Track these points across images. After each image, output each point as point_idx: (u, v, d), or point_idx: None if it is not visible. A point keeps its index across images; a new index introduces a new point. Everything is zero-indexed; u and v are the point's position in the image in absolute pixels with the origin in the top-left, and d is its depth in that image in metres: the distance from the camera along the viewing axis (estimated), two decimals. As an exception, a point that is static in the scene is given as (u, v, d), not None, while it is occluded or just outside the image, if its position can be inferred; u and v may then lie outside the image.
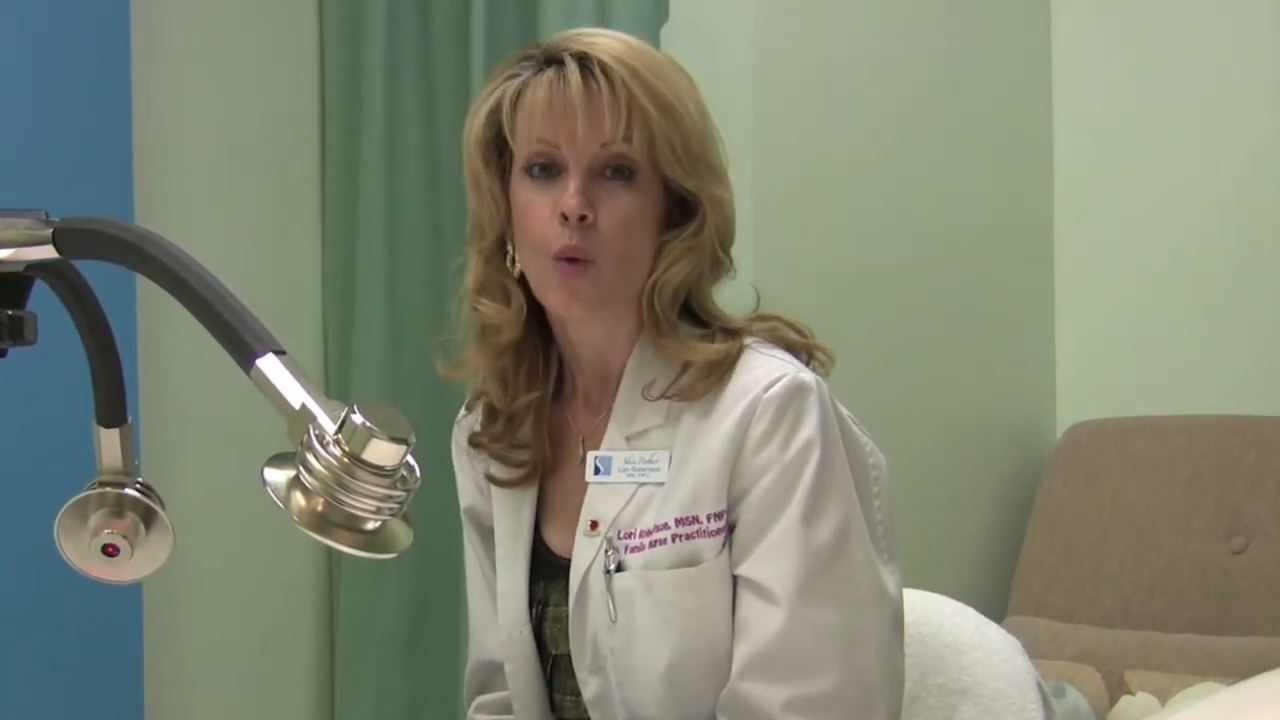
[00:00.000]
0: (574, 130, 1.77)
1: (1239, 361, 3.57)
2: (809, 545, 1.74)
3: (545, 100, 1.78)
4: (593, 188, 1.78)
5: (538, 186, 1.81)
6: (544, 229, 1.79)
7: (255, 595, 3.71)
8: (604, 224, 1.78)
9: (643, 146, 1.78)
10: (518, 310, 1.88)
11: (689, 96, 1.81)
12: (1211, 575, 3.30)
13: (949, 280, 3.57)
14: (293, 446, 1.12)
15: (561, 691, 1.92)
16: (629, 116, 1.77)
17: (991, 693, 2.01)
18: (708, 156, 1.82)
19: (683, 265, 1.81)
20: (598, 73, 1.77)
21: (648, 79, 1.77)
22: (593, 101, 1.77)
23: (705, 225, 1.82)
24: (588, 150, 1.78)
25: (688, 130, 1.79)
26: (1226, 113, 3.59)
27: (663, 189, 1.81)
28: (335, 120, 3.81)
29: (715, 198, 1.82)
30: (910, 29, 3.54)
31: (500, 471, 1.95)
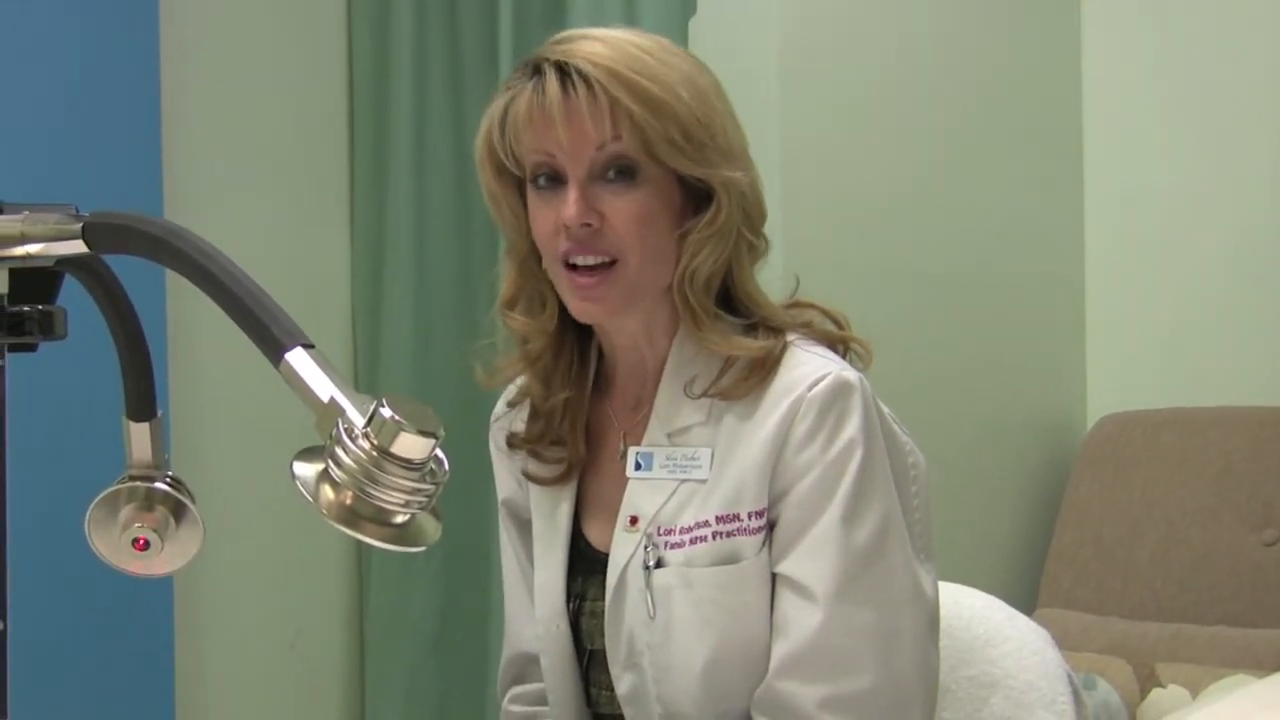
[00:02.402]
0: (560, 139, 1.76)
1: (1270, 353, 3.55)
2: (849, 545, 1.74)
3: (527, 112, 1.78)
4: (596, 191, 1.78)
5: (544, 197, 1.80)
6: (551, 237, 1.79)
7: (285, 589, 3.72)
8: (615, 224, 1.78)
9: (636, 143, 1.76)
10: (549, 317, 1.88)
11: (683, 84, 1.78)
12: (1243, 567, 3.28)
13: (979, 273, 3.56)
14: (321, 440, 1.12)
15: (597, 686, 1.92)
16: (613, 118, 1.75)
17: (1022, 685, 2.01)
18: (715, 140, 1.80)
19: (708, 253, 1.80)
20: (575, 79, 1.75)
21: (628, 77, 1.75)
22: (572, 109, 1.76)
23: (723, 211, 1.80)
24: (583, 156, 1.77)
25: (683, 119, 1.77)
26: (1255, 110, 3.58)
27: (674, 180, 1.80)
28: (363, 116, 3.82)
29: (729, 181, 1.80)
30: (940, 19, 3.53)
31: (538, 469, 1.95)
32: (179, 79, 3.57)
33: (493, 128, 1.83)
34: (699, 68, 1.84)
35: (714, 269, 1.81)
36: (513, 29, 3.49)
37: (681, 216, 1.82)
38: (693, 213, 1.82)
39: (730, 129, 1.84)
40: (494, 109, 1.83)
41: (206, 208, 3.56)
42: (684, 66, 1.82)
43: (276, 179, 3.76)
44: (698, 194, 1.82)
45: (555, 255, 1.80)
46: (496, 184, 1.86)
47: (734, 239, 1.82)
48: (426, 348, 3.69)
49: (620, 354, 1.91)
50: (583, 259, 1.78)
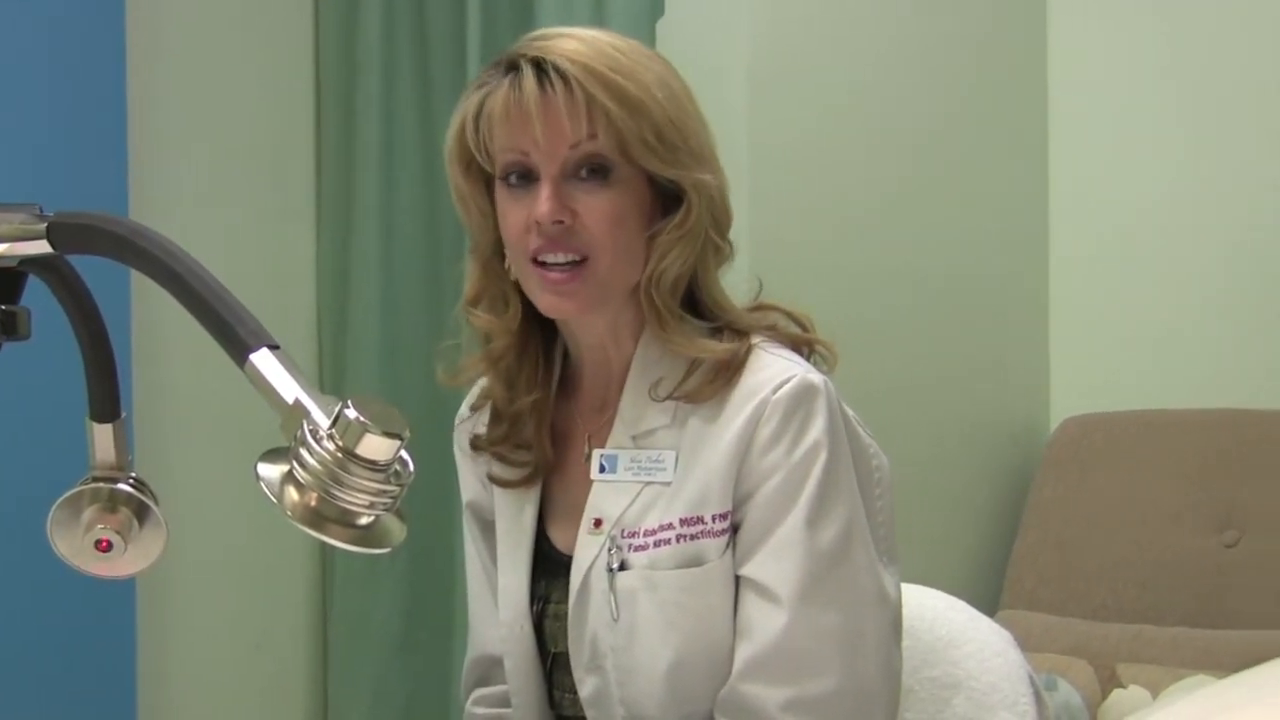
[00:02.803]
0: (536, 136, 1.76)
1: (1231, 355, 3.57)
2: (813, 547, 1.75)
3: (503, 109, 1.78)
4: (569, 190, 1.78)
5: (515, 195, 1.80)
6: (522, 235, 1.79)
7: (249, 591, 3.71)
8: (588, 223, 1.78)
9: (611, 142, 1.77)
10: (513, 316, 1.88)
11: (657, 85, 1.79)
12: (1204, 569, 3.30)
13: (943, 277, 3.57)
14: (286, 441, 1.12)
15: (560, 689, 1.92)
16: (589, 116, 1.76)
17: (984, 686, 2.01)
18: (687, 142, 1.81)
19: (676, 255, 1.81)
20: (553, 76, 1.75)
21: (606, 75, 1.75)
22: (550, 106, 1.76)
23: (693, 212, 1.80)
24: (557, 154, 1.77)
25: (658, 120, 1.77)
26: (1218, 113, 3.59)
27: (645, 181, 1.80)
28: (330, 116, 3.81)
29: (700, 183, 1.81)
30: (907, 24, 3.54)
31: (502, 472, 1.95)
32: (146, 79, 3.56)
33: (466, 123, 1.83)
34: (671, 70, 1.85)
35: (681, 271, 1.82)
36: (481, 29, 3.49)
37: (651, 217, 1.82)
38: (661, 214, 1.82)
39: (701, 132, 1.84)
40: (468, 104, 1.83)
41: (172, 208, 3.54)
42: (657, 68, 1.82)
43: (243, 179, 3.75)
44: (667, 195, 1.82)
45: (525, 253, 1.79)
46: (465, 181, 1.86)
47: (702, 241, 1.82)
48: (392, 349, 3.69)
49: (586, 355, 1.91)
50: (553, 257, 1.78)
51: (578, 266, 1.78)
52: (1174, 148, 3.65)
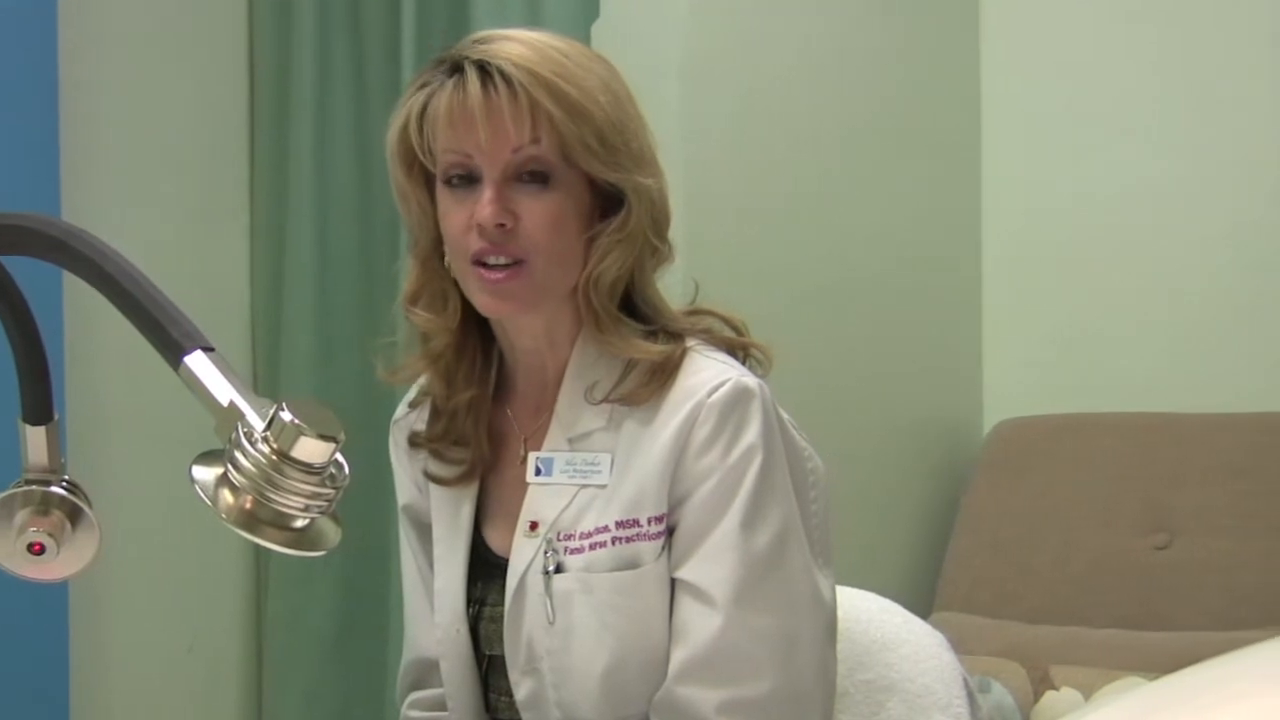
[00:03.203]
0: (479, 139, 1.76)
1: (1162, 359, 3.60)
2: (748, 550, 1.75)
3: (447, 111, 1.78)
4: (510, 193, 1.78)
5: (457, 196, 1.81)
6: (463, 236, 1.80)
7: (183, 594, 3.69)
8: (528, 226, 1.78)
9: (554, 147, 1.77)
10: (452, 314, 1.89)
11: (600, 89, 1.80)
12: (1135, 571, 3.32)
13: (877, 277, 3.58)
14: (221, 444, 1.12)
15: (496, 691, 1.92)
16: (533, 120, 1.76)
17: (918, 688, 2.02)
18: (629, 146, 1.81)
19: (614, 257, 1.81)
20: (497, 79, 1.76)
21: (549, 80, 1.76)
22: (493, 110, 1.76)
23: (633, 216, 1.81)
24: (499, 157, 1.77)
25: (600, 125, 1.78)
26: (1152, 114, 3.62)
27: (586, 184, 1.81)
28: (264, 117, 3.80)
29: (640, 187, 1.81)
30: (840, 24, 3.55)
31: (439, 470, 1.95)
32: (78, 79, 3.53)
33: (410, 122, 1.83)
34: (613, 72, 1.86)
35: (620, 273, 1.82)
36: (415, 29, 3.48)
37: (590, 220, 1.83)
38: (601, 216, 1.83)
39: (642, 135, 1.85)
40: (411, 103, 1.83)
41: (105, 209, 3.52)
42: (600, 71, 1.83)
43: (176, 180, 3.73)
44: (608, 198, 1.83)
45: (465, 253, 1.80)
46: (406, 180, 1.86)
47: (641, 244, 1.83)
48: (327, 351, 3.67)
49: (522, 358, 1.91)
50: (494, 259, 1.79)
51: (515, 267, 1.79)
52: (1107, 151, 3.68)
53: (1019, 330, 3.80)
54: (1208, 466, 3.33)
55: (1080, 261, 3.71)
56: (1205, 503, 3.30)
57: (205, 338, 1.13)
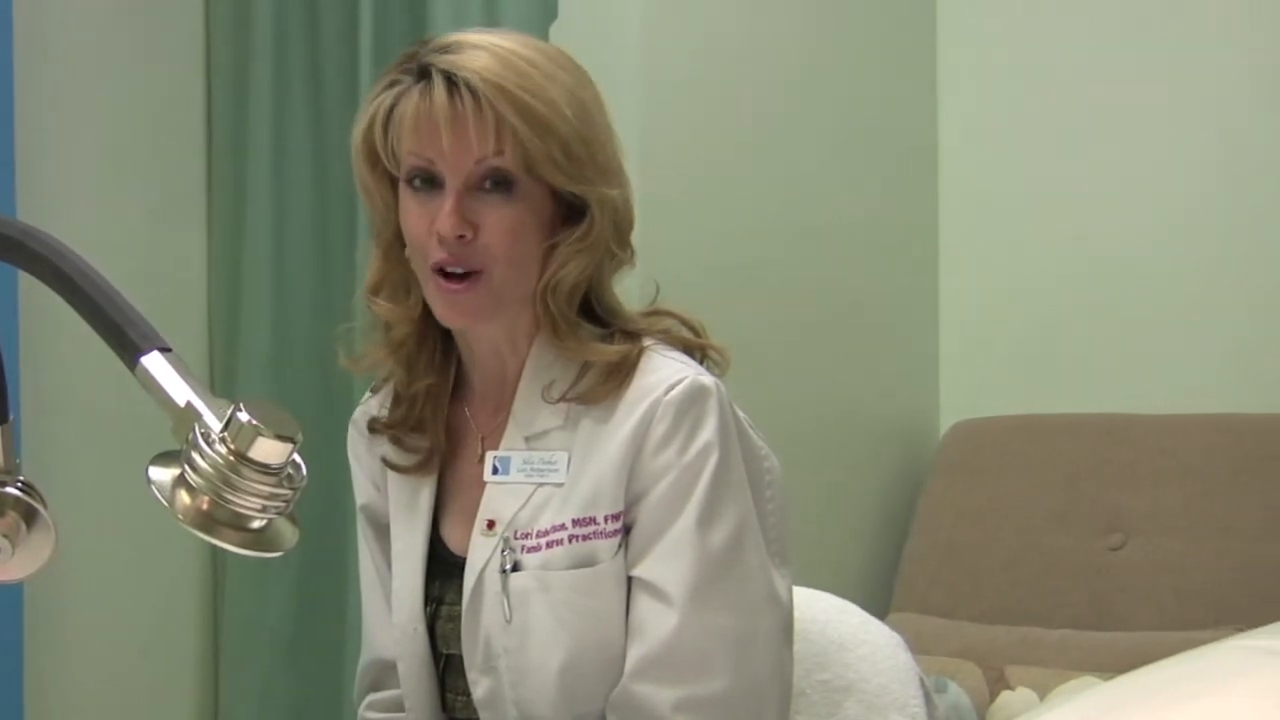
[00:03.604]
0: (443, 148, 1.77)
1: (1117, 361, 3.62)
2: (704, 548, 1.76)
3: (413, 118, 1.78)
4: (472, 202, 1.78)
5: (419, 198, 1.81)
6: (424, 241, 1.80)
7: (139, 594, 3.67)
8: (487, 238, 1.78)
9: (518, 159, 1.77)
10: (414, 304, 1.89)
11: (567, 101, 1.79)
12: (1089, 572, 3.34)
13: (833, 278, 3.60)
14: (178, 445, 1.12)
15: (453, 691, 1.92)
16: (498, 134, 1.76)
17: (875, 688, 2.03)
18: (594, 157, 1.81)
19: (574, 265, 1.81)
20: (464, 90, 1.75)
21: (516, 95, 1.75)
22: (459, 120, 1.76)
23: (595, 226, 1.81)
24: (462, 166, 1.77)
25: (565, 138, 1.78)
26: (1109, 114, 3.64)
27: (549, 193, 1.81)
28: (222, 117, 3.78)
29: (604, 198, 1.81)
30: (797, 28, 3.56)
31: (398, 457, 1.95)
32: (34, 78, 3.51)
33: (375, 122, 1.82)
34: (581, 79, 1.85)
35: (579, 280, 1.83)
36: (373, 27, 3.47)
37: (551, 229, 1.83)
38: (563, 223, 1.83)
39: (609, 144, 1.85)
40: (379, 102, 1.82)
41: (61, 209, 3.50)
42: (568, 80, 1.82)
43: (133, 180, 3.70)
44: (570, 206, 1.83)
45: (425, 259, 1.80)
46: (370, 176, 1.86)
47: (602, 252, 1.83)
48: (284, 351, 3.66)
49: (479, 359, 1.92)
50: (452, 268, 1.79)
51: (473, 277, 1.79)
52: (1063, 153, 3.70)
53: (975, 332, 3.82)
54: (1161, 467, 3.35)
55: (1036, 264, 3.73)
56: (1159, 503, 3.32)
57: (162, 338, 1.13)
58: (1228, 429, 3.33)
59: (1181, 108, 3.55)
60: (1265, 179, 3.46)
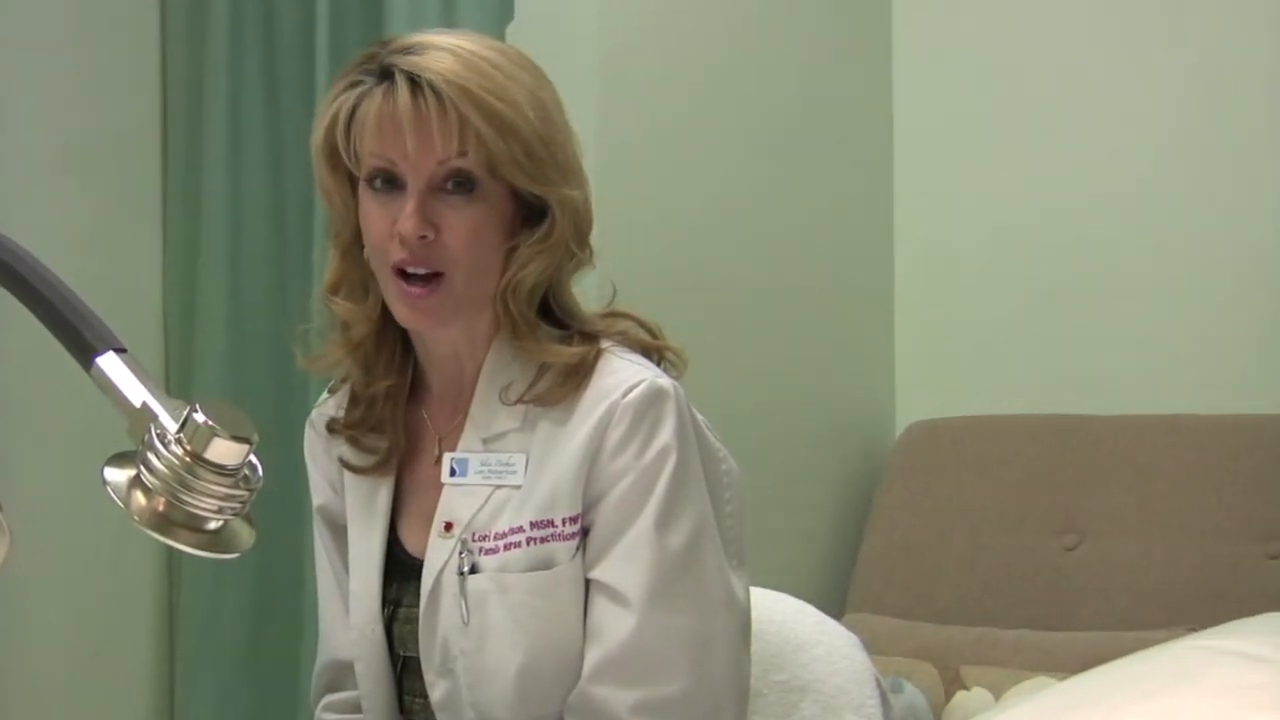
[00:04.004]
0: (406, 149, 1.76)
1: (1071, 362, 3.63)
2: (662, 551, 1.76)
3: (376, 119, 1.78)
4: (433, 203, 1.78)
5: (380, 199, 1.80)
6: (384, 242, 1.79)
7: (93, 596, 3.65)
8: (448, 239, 1.78)
9: (480, 160, 1.77)
10: (373, 304, 1.89)
11: (529, 102, 1.80)
12: (1045, 572, 3.36)
13: (789, 279, 3.60)
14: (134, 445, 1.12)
15: (411, 693, 1.92)
16: (461, 135, 1.76)
17: (831, 689, 2.04)
18: (555, 158, 1.82)
19: (535, 266, 1.81)
20: (427, 92, 1.75)
21: (479, 97, 1.75)
22: (422, 121, 1.76)
23: (556, 227, 1.82)
24: (424, 167, 1.77)
25: (528, 139, 1.78)
26: (1064, 116, 3.65)
27: (510, 194, 1.81)
28: (177, 117, 3.77)
29: (564, 199, 1.82)
30: (754, 29, 3.56)
31: (356, 458, 1.95)
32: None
33: (337, 123, 1.82)
34: (541, 79, 1.85)
35: (539, 281, 1.83)
36: (330, 28, 3.46)
37: (512, 229, 1.83)
38: (523, 224, 1.83)
39: (569, 144, 1.85)
40: (340, 104, 1.82)
41: (15, 208, 3.48)
42: (528, 80, 1.82)
43: (87, 179, 3.69)
44: (530, 207, 1.83)
45: (386, 260, 1.80)
46: (330, 177, 1.86)
47: (562, 253, 1.83)
48: (240, 351, 3.65)
49: (438, 361, 1.92)
50: (413, 269, 1.79)
51: (434, 280, 1.79)
52: (1018, 156, 3.71)
53: (931, 332, 3.83)
54: (1116, 468, 3.37)
55: (991, 265, 3.75)
56: (1113, 504, 3.34)
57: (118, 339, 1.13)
58: (1182, 430, 3.35)
59: (1141, 107, 3.57)
60: (1222, 177, 3.48)
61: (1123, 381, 3.56)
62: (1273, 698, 1.35)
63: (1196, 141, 3.50)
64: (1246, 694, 1.37)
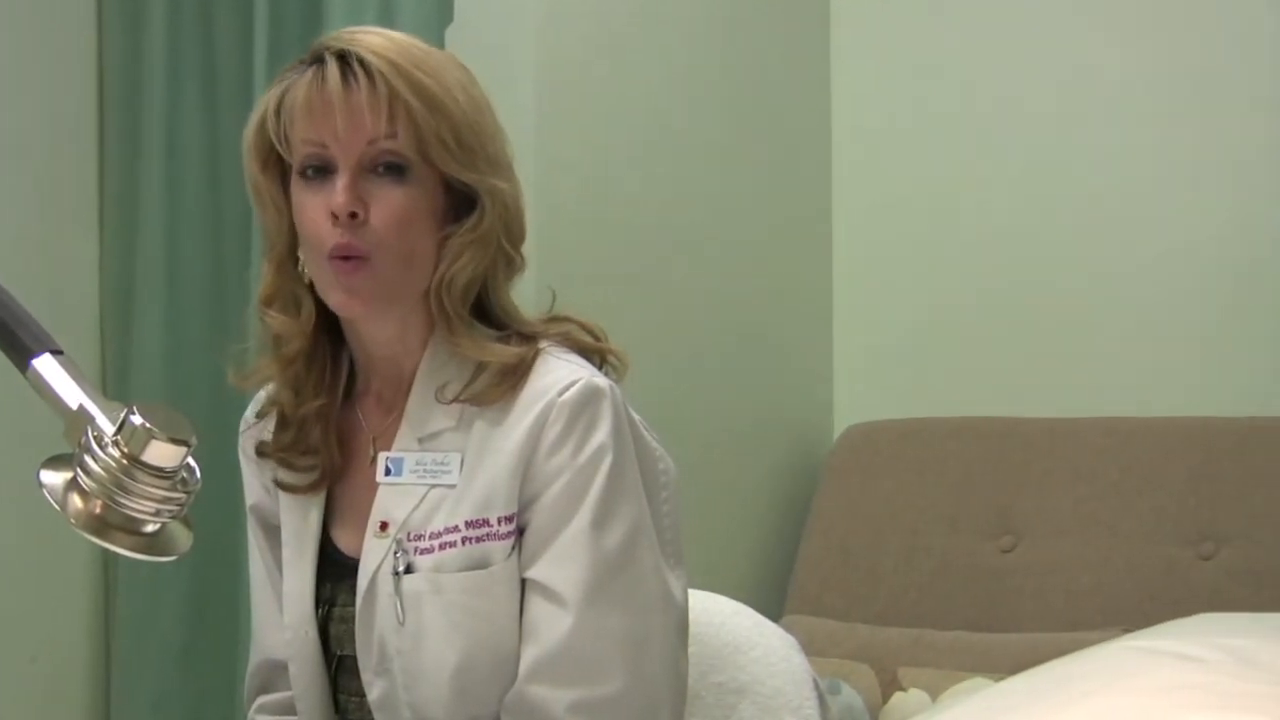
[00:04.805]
0: (336, 128, 1.76)
1: (1007, 365, 3.65)
2: (598, 550, 1.76)
3: (305, 100, 1.78)
4: (364, 184, 1.78)
5: (312, 187, 1.80)
6: (318, 229, 1.79)
7: (27, 600, 3.62)
8: (377, 220, 1.78)
9: (411, 141, 1.77)
10: (306, 319, 1.88)
11: (459, 89, 1.81)
12: (981, 574, 3.37)
13: (728, 283, 3.61)
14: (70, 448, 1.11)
15: (346, 693, 1.91)
16: (391, 112, 1.76)
17: (769, 690, 2.04)
18: (485, 148, 1.82)
19: (467, 259, 1.81)
20: (357, 69, 1.76)
21: (410, 72, 1.76)
22: (352, 98, 1.76)
23: (486, 217, 1.82)
24: (354, 147, 1.77)
25: (458, 122, 1.79)
26: (1002, 119, 3.67)
27: (441, 184, 1.81)
28: (114, 115, 3.74)
29: (494, 189, 1.82)
30: (692, 32, 3.57)
31: (288, 478, 1.94)
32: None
33: (267, 115, 1.82)
34: (472, 79, 1.87)
35: (472, 276, 1.83)
36: (268, 30, 3.45)
37: (444, 221, 1.83)
38: (454, 218, 1.83)
39: (498, 140, 1.86)
40: (269, 97, 1.82)
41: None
42: (458, 74, 1.84)
43: (23, 180, 3.66)
44: (462, 201, 1.83)
45: (322, 248, 1.79)
46: (262, 175, 1.85)
47: (494, 249, 1.83)
48: (177, 355, 3.63)
49: (374, 360, 1.91)
50: (347, 254, 1.78)
51: (361, 262, 1.78)
52: (955, 159, 3.73)
53: (868, 336, 3.85)
54: (1050, 470, 3.39)
55: (928, 268, 3.77)
56: (1048, 506, 3.36)
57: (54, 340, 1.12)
58: (1117, 433, 3.37)
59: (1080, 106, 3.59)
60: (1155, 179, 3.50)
61: (1059, 385, 3.58)
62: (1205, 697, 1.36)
63: (1132, 142, 3.53)
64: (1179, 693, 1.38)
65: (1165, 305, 3.49)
